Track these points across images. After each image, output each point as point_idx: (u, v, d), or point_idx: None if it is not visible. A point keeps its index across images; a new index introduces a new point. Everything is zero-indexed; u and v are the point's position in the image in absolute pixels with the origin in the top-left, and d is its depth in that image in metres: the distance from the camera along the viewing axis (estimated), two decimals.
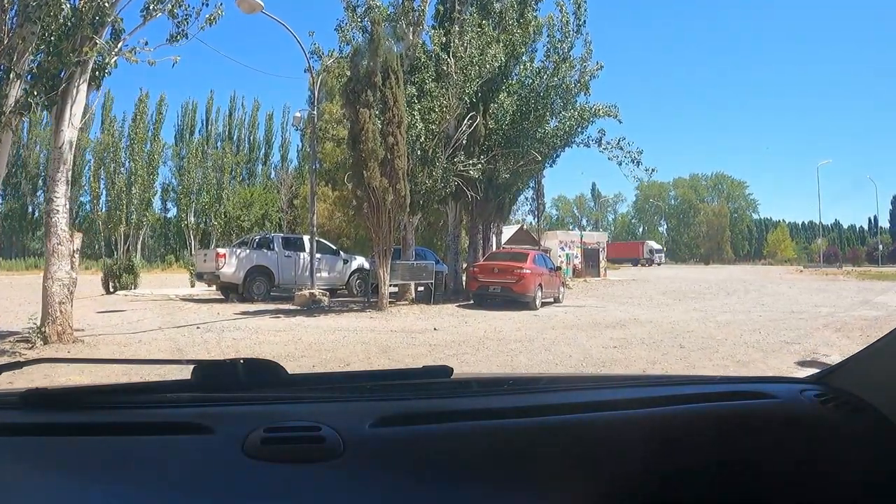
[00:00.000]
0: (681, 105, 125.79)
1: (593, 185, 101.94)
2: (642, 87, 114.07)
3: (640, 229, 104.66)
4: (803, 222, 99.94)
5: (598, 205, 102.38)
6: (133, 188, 29.75)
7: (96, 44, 8.01)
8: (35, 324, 8.29)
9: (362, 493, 1.08)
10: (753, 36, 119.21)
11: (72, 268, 8.17)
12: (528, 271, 15.48)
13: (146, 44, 8.47)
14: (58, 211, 8.22)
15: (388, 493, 1.09)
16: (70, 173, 8.54)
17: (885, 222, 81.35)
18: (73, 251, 8.22)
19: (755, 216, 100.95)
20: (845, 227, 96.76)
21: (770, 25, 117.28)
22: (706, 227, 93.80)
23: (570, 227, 75.99)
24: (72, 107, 8.60)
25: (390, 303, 14.84)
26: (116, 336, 9.36)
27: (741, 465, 1.25)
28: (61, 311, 8.08)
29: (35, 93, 7.68)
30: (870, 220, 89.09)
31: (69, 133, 8.53)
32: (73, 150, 8.63)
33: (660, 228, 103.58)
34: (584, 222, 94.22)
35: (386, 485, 1.10)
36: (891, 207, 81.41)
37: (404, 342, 9.59)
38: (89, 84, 8.88)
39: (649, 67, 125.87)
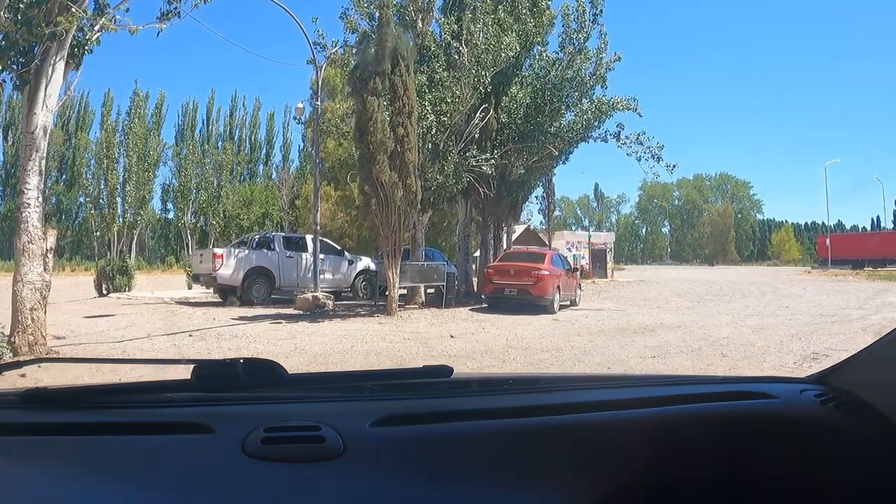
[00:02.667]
0: (684, 105, 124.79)
1: (596, 185, 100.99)
2: (644, 86, 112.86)
3: (644, 230, 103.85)
4: (806, 223, 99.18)
5: (601, 205, 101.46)
6: (127, 185, 28.60)
7: (73, 13, 7.00)
8: (4, 333, 7.29)
9: (363, 492, 1.06)
10: (758, 36, 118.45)
11: (45, 269, 7.14)
12: (546, 273, 14.47)
13: (127, 10, 7.48)
14: (29, 205, 7.21)
15: (388, 492, 1.07)
16: (44, 162, 7.58)
17: (887, 223, 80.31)
18: (47, 250, 7.20)
19: (759, 216, 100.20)
20: (848, 227, 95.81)
21: (775, 25, 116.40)
22: (710, 228, 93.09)
23: (573, 228, 74.99)
24: (46, 87, 7.63)
25: (399, 306, 13.83)
26: (98, 346, 8.33)
27: (741, 466, 1.23)
28: (33, 319, 7.05)
29: (1, 68, 6.68)
30: (872, 220, 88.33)
31: (43, 116, 7.55)
32: (48, 136, 7.65)
33: (663, 229, 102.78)
34: (586, 223, 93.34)
35: (386, 484, 1.08)
36: (895, 208, 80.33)
37: (420, 352, 8.62)
38: (67, 62, 7.91)
39: (652, 66, 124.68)
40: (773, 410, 1.38)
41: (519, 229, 36.57)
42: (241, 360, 1.27)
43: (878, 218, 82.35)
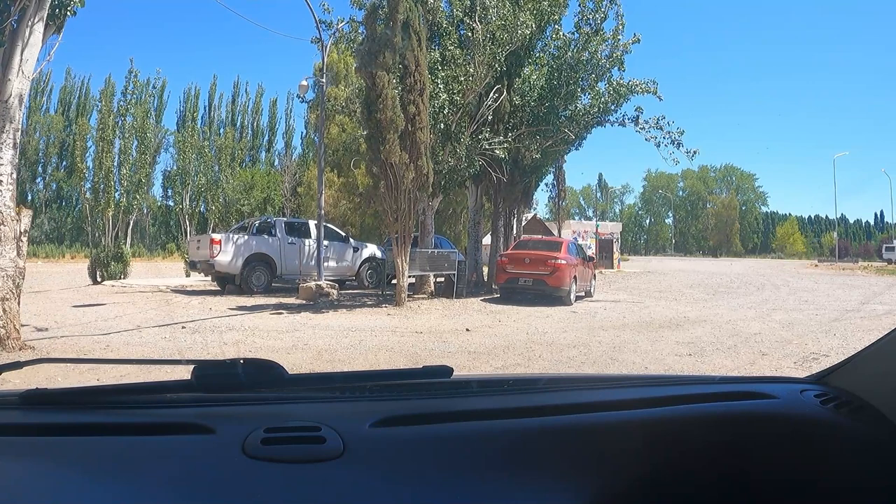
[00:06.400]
0: (689, 95, 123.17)
1: (600, 175, 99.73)
2: (649, 75, 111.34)
3: (648, 220, 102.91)
4: (809, 216, 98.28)
5: (605, 195, 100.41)
6: (123, 168, 27.76)
7: None
8: None
9: (363, 493, 1.03)
10: (766, 26, 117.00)
11: (18, 254, 6.32)
12: (563, 262, 13.69)
13: None
14: (1, 181, 6.42)
15: (388, 493, 1.04)
16: (19, 135, 6.78)
17: (892, 217, 79.49)
18: (21, 233, 6.39)
19: (764, 209, 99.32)
20: (851, 221, 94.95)
21: (783, 14, 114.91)
22: (714, 220, 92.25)
23: (576, 218, 74.19)
24: (23, 51, 6.82)
25: (408, 297, 13.05)
26: (81, 339, 7.56)
27: (741, 466, 1.21)
28: (4, 310, 6.24)
29: None
30: (875, 214, 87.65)
31: (19, 84, 6.74)
32: (24, 106, 6.86)
33: (667, 220, 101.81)
34: (590, 213, 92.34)
35: (386, 485, 1.05)
36: None
37: (436, 348, 7.86)
38: (47, 24, 7.11)
39: (656, 55, 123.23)
40: (773, 410, 1.36)
41: (526, 218, 35.84)
42: (242, 361, 1.24)
43: (881, 213, 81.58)
